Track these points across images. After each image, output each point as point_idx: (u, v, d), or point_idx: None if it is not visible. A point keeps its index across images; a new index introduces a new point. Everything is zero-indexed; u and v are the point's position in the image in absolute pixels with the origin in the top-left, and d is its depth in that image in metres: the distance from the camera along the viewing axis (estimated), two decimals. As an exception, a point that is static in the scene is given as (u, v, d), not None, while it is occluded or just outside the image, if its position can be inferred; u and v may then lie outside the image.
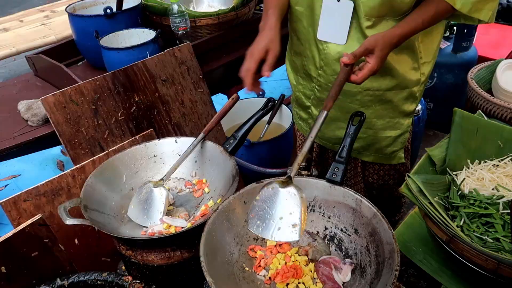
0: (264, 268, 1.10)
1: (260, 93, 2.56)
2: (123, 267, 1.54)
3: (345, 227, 1.14)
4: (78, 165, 1.57)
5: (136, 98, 1.79)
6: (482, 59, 2.59)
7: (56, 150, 3.23)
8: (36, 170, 3.13)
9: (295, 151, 1.98)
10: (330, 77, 1.48)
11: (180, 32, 2.09)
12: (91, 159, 1.59)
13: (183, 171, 1.46)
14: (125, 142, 1.71)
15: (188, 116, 1.95)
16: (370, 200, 1.10)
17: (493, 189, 1.22)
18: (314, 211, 1.20)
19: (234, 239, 1.12)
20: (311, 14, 1.38)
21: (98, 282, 1.28)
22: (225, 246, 1.09)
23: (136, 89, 1.79)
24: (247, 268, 1.10)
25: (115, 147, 1.68)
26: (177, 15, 2.08)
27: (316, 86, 1.53)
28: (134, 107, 1.78)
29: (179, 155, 1.41)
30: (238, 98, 1.54)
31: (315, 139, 1.67)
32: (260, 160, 2.00)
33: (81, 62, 2.37)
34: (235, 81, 2.51)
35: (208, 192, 1.39)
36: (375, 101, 1.44)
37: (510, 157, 1.31)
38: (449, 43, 2.79)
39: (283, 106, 2.40)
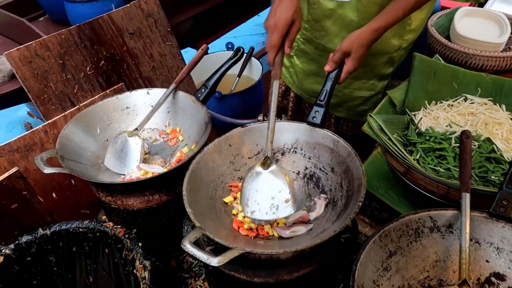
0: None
1: (230, 46, 2.57)
2: (103, 217, 1.59)
3: (323, 166, 1.22)
4: (49, 121, 1.57)
5: (104, 52, 1.77)
6: (444, 9, 2.66)
7: (22, 112, 3.16)
8: (3, 132, 3.07)
9: (266, 101, 2.03)
10: (316, 33, 1.51)
11: (145, -17, 2.04)
12: (63, 114, 1.59)
13: (156, 122, 1.50)
14: (96, 96, 1.72)
15: (158, 70, 1.96)
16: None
17: (447, 126, 1.32)
18: (296, 152, 1.27)
19: (219, 177, 1.19)
20: None
21: (80, 229, 1.32)
22: (209, 183, 1.15)
23: (103, 43, 1.77)
24: (229, 203, 1.18)
25: (86, 101, 1.69)
26: (141, -35, 2.02)
27: (301, 39, 1.56)
28: (103, 61, 1.77)
29: (152, 106, 1.44)
30: (207, 49, 1.55)
31: (294, 91, 1.72)
32: (231, 112, 2.05)
33: (42, 18, 2.29)
34: (204, 35, 2.51)
35: (182, 140, 1.44)
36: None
37: (463, 97, 1.41)
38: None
39: (253, 59, 2.42)
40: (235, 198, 1.18)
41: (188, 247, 0.91)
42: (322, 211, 1.15)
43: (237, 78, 2.35)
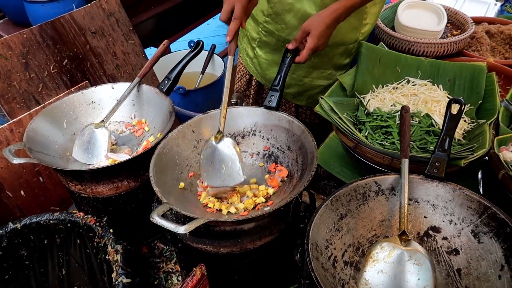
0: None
1: (192, 44, 2.64)
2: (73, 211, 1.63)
3: (280, 146, 1.32)
4: (15, 119, 1.60)
5: (67, 51, 1.81)
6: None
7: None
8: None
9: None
10: (277, 25, 1.59)
11: (105, -16, 2.08)
12: (28, 112, 1.62)
13: (122, 115, 1.55)
14: (61, 95, 1.75)
15: (122, 68, 2.01)
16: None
17: (392, 106, 1.45)
18: (255, 135, 1.37)
19: (184, 161, 1.27)
20: None
21: (51, 221, 1.34)
22: (174, 167, 1.23)
23: (66, 42, 1.80)
24: (194, 184, 1.25)
25: (51, 100, 1.71)
26: (100, -34, 2.06)
27: (262, 31, 1.65)
28: (66, 60, 1.80)
29: (117, 100, 1.50)
30: (168, 44, 1.63)
31: (257, 79, 1.79)
32: (196, 106, 2.12)
33: (2, 20, 2.28)
34: (167, 34, 2.57)
35: (148, 131, 1.50)
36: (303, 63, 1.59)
37: (406, 80, 1.55)
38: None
39: (215, 56, 2.50)
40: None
41: (156, 219, 0.99)
42: (280, 183, 1.25)
43: (201, 75, 2.43)
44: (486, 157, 1.21)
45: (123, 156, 1.36)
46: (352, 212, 1.08)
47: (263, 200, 1.18)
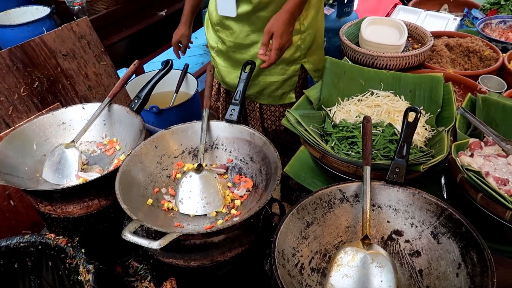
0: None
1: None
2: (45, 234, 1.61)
3: (243, 157, 1.36)
4: (-16, 142, 1.58)
5: (38, 74, 1.81)
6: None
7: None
8: None
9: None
10: (226, 32, 1.71)
11: (76, 7, 2.12)
12: (-3, 135, 1.61)
13: (93, 134, 1.56)
14: (32, 117, 1.75)
15: (94, 89, 2.02)
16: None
17: (357, 117, 1.51)
18: (218, 148, 1.40)
19: (148, 177, 1.28)
20: None
21: (21, 244, 1.32)
22: (139, 183, 1.24)
23: (36, 65, 1.81)
24: (161, 201, 1.27)
25: (22, 122, 1.71)
26: (71, -10, 2.10)
27: (218, 40, 1.78)
28: (37, 83, 1.81)
29: (88, 120, 1.51)
30: (139, 64, 1.65)
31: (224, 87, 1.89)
32: (170, 125, 2.13)
33: (-29, 45, 2.27)
34: (140, 55, 2.60)
35: (119, 149, 1.51)
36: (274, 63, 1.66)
37: (370, 92, 1.62)
38: (333, 10, 3.13)
39: (189, 75, 2.53)
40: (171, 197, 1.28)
41: (128, 236, 1.00)
42: (245, 193, 1.28)
43: (175, 94, 2.45)
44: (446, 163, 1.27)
45: (94, 175, 1.37)
46: (318, 220, 1.11)
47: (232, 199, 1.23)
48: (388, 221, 1.12)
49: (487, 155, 1.29)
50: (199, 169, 1.26)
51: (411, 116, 1.16)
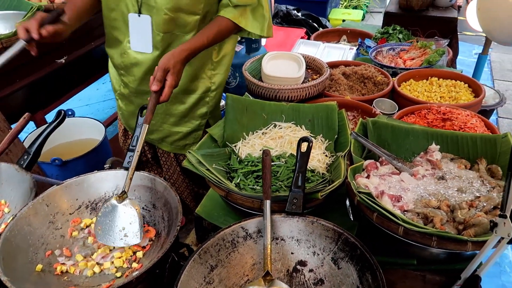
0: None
1: (70, 113, 2.55)
2: None
3: (146, 205, 1.30)
4: None
5: None
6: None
7: None
8: None
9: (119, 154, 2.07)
10: (129, 77, 1.69)
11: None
12: None
13: (-21, 198, 1.41)
14: None
15: (-16, 147, 1.84)
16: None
17: (261, 150, 1.53)
18: None
19: (38, 240, 1.17)
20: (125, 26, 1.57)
21: None
22: (26, 248, 1.13)
23: None
24: (53, 264, 1.16)
25: None
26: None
27: (120, 84, 1.75)
28: None
29: (-30, 183, 1.36)
30: (29, 117, 1.55)
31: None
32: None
33: None
34: (40, 105, 2.44)
35: (8, 212, 1.37)
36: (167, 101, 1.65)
37: (273, 124, 1.66)
38: (242, 46, 3.24)
39: (94, 121, 2.44)
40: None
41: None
42: (148, 243, 1.22)
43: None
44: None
45: (-25, 245, 1.22)
46: (223, 261, 1.08)
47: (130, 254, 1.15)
48: (292, 253, 1.12)
49: (382, 174, 1.36)
50: (122, 196, 1.19)
51: (304, 146, 1.20)
